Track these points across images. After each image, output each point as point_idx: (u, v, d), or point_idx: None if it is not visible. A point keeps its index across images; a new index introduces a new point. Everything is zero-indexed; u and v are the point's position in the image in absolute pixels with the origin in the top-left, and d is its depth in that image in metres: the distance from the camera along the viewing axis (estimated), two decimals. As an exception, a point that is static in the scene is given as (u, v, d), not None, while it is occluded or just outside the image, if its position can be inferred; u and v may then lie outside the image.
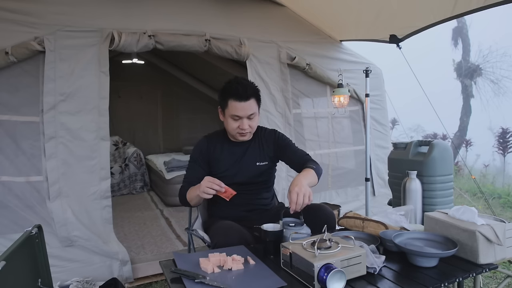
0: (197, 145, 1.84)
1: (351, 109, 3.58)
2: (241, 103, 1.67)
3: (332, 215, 1.70)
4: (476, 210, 1.42)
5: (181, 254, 1.46)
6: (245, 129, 1.70)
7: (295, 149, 1.85)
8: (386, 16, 2.92)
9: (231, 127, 1.72)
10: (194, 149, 1.83)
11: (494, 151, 8.29)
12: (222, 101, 1.73)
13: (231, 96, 1.68)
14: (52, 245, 2.24)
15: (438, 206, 2.10)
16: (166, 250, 2.90)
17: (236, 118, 1.69)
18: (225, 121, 1.75)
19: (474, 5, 2.41)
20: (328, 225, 1.52)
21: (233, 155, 1.81)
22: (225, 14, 2.99)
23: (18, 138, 2.28)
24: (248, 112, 1.69)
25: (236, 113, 1.68)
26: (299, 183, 1.46)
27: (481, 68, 10.82)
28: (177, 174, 4.38)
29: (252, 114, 1.71)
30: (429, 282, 1.16)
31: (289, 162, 1.85)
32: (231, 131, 1.74)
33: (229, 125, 1.72)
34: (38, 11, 2.33)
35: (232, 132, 1.74)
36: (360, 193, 3.55)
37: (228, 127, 1.75)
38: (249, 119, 1.71)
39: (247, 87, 1.70)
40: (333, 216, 1.70)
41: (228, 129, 1.76)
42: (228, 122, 1.73)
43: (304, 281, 1.15)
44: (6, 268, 0.97)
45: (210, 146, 1.81)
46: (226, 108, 1.71)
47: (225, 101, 1.70)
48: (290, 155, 1.82)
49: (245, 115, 1.69)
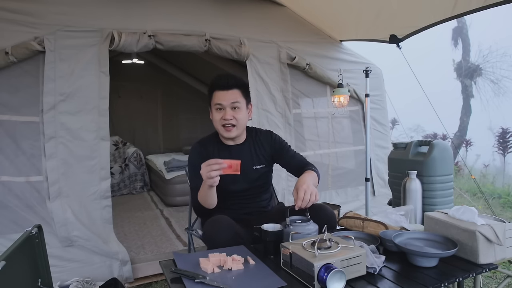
0: (193, 152, 1.77)
1: (351, 109, 3.58)
2: (223, 91, 1.67)
3: (333, 215, 1.70)
4: (476, 210, 1.42)
5: (181, 254, 1.46)
6: (228, 119, 1.65)
7: (293, 153, 1.84)
8: (386, 16, 2.92)
9: (215, 119, 1.70)
10: (192, 157, 1.76)
11: (494, 151, 8.29)
12: (209, 96, 1.74)
13: (215, 87, 1.70)
14: (52, 245, 2.24)
15: (438, 206, 2.10)
16: (166, 250, 2.90)
17: (219, 107, 1.68)
18: (212, 116, 1.74)
19: (474, 5, 2.41)
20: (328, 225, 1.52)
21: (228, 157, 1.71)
22: (225, 14, 2.99)
23: (18, 138, 2.28)
24: (230, 100, 1.66)
25: (218, 101, 1.67)
26: (306, 181, 1.47)
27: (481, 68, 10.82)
28: (177, 174, 4.39)
29: (236, 103, 1.67)
30: (429, 282, 1.16)
31: (286, 165, 1.83)
32: (216, 124, 1.71)
33: (214, 118, 1.71)
34: (38, 11, 2.33)
35: (216, 125, 1.71)
36: (360, 193, 3.55)
37: (214, 122, 1.72)
38: (232, 110, 1.68)
39: (229, 77, 1.70)
40: (334, 216, 1.70)
41: (215, 125, 1.72)
42: (213, 115, 1.72)
43: (304, 281, 1.15)
44: (6, 268, 0.97)
45: (205, 151, 1.76)
46: (211, 100, 1.71)
47: (211, 94, 1.72)
48: (288, 159, 1.81)
49: (227, 104, 1.66)
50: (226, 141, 1.77)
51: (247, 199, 1.81)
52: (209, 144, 1.78)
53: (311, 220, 1.49)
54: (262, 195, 1.88)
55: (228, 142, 1.78)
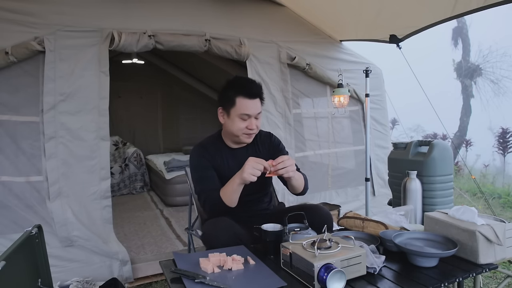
0: (197, 154, 1.70)
1: (351, 109, 3.58)
2: (251, 100, 1.59)
3: (329, 215, 1.70)
4: (476, 210, 1.42)
5: (181, 254, 1.46)
6: (253, 129, 1.62)
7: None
8: (386, 16, 2.92)
9: (237, 127, 1.61)
10: (197, 158, 1.69)
11: (494, 151, 8.29)
12: (228, 100, 1.61)
13: (240, 94, 1.58)
14: (52, 245, 2.24)
15: (438, 206, 2.10)
16: (166, 250, 2.90)
17: (245, 117, 1.60)
18: (230, 121, 1.63)
19: (474, 5, 2.41)
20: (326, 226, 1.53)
21: (233, 162, 1.71)
22: (225, 14, 2.99)
23: (18, 138, 2.28)
24: (257, 110, 1.62)
25: (247, 111, 1.58)
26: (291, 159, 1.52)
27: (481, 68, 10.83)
28: (177, 174, 4.39)
29: (259, 114, 1.65)
30: (429, 282, 1.16)
31: None
32: (237, 131, 1.62)
33: (235, 126, 1.61)
34: (38, 11, 2.33)
35: (237, 132, 1.63)
36: (360, 193, 3.55)
37: (233, 128, 1.63)
38: (256, 119, 1.64)
39: (255, 84, 1.64)
40: (330, 216, 1.69)
41: (233, 130, 1.63)
42: (234, 123, 1.61)
43: (304, 281, 1.15)
44: (6, 268, 0.97)
45: (208, 154, 1.70)
46: (232, 107, 1.60)
47: (232, 99, 1.59)
48: None
49: (254, 114, 1.61)
50: (230, 144, 1.74)
51: (250, 201, 1.78)
52: (212, 146, 1.73)
53: (310, 227, 1.50)
54: (263, 197, 1.88)
55: (232, 145, 1.74)
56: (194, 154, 1.72)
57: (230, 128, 1.65)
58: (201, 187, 1.66)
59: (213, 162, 1.70)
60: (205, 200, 1.63)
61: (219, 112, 1.69)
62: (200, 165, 1.68)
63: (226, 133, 1.73)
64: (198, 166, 1.69)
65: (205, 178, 1.65)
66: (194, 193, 1.71)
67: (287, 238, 1.38)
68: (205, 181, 1.65)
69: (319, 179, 3.37)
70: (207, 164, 1.68)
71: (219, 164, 1.71)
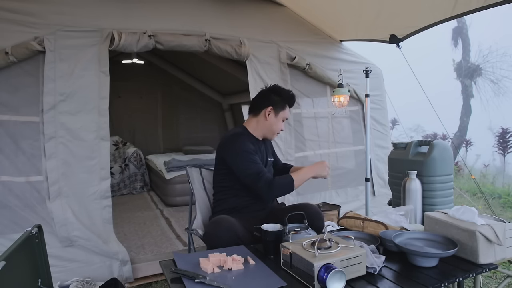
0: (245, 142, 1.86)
1: (351, 109, 3.58)
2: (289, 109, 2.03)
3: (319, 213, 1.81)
4: (476, 210, 1.42)
5: (181, 254, 1.46)
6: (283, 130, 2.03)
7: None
8: (386, 16, 2.92)
9: (278, 126, 1.98)
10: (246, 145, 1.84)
11: (494, 151, 8.29)
12: (279, 104, 1.96)
13: (289, 103, 2.00)
14: (52, 245, 2.24)
15: (438, 206, 2.10)
16: (166, 250, 2.90)
17: (284, 120, 2.01)
18: (275, 120, 1.96)
19: (474, 5, 2.41)
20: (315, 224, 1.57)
21: (259, 151, 1.97)
22: (225, 14, 2.99)
23: (18, 138, 2.28)
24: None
25: (287, 116, 2.01)
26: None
27: (481, 68, 10.83)
28: (177, 174, 4.38)
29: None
30: (429, 282, 1.16)
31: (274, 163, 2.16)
32: (276, 129, 1.98)
33: (278, 125, 1.98)
34: (38, 11, 2.33)
35: (276, 130, 1.99)
36: (360, 193, 3.55)
37: (275, 126, 1.97)
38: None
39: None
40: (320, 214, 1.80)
41: (274, 128, 1.97)
42: (278, 122, 1.97)
43: (304, 281, 1.15)
44: (6, 268, 0.97)
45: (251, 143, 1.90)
46: (282, 110, 1.97)
47: (283, 105, 1.97)
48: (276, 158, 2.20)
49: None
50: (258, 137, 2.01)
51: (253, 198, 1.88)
52: (247, 137, 1.94)
53: (310, 227, 1.50)
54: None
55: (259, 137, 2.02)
56: (238, 141, 1.85)
57: (272, 125, 1.97)
58: (258, 170, 1.78)
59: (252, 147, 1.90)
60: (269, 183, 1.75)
61: (266, 110, 1.95)
62: (250, 149, 1.84)
63: (261, 128, 1.99)
64: (248, 150, 1.83)
65: (259, 164, 1.82)
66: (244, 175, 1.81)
67: (287, 238, 1.38)
68: (260, 165, 1.81)
69: (319, 179, 3.36)
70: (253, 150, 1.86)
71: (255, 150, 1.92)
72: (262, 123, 1.97)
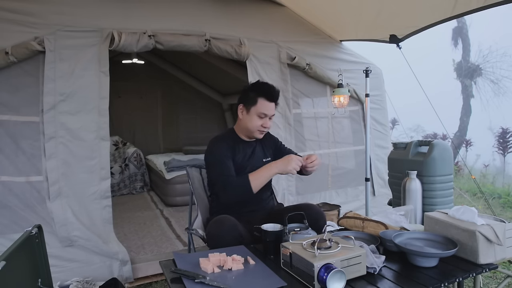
0: (218, 143, 1.85)
1: (351, 109, 3.58)
2: (270, 103, 1.82)
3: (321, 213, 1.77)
4: (476, 210, 1.42)
5: (181, 254, 1.46)
6: (267, 127, 1.86)
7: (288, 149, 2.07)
8: (386, 16, 2.92)
9: (254, 124, 1.82)
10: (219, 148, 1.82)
11: (494, 151, 8.29)
12: (250, 99, 1.82)
13: (262, 95, 1.81)
14: (52, 245, 2.24)
15: (438, 206, 2.10)
16: (166, 250, 2.90)
17: (262, 116, 1.82)
18: (248, 118, 1.83)
19: (474, 5, 2.41)
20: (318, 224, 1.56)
21: (245, 154, 1.90)
22: (225, 14, 2.99)
23: (18, 138, 2.28)
24: (272, 112, 1.85)
25: (264, 111, 1.81)
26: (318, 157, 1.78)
27: (481, 68, 10.82)
28: (177, 174, 4.38)
29: (273, 116, 1.88)
30: (429, 282, 1.16)
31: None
32: (252, 128, 1.83)
33: (253, 122, 1.82)
34: (38, 11, 2.33)
35: (253, 129, 1.84)
36: (360, 193, 3.55)
37: (250, 124, 1.83)
38: (270, 119, 1.86)
39: (276, 90, 1.86)
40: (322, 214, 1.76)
41: (249, 126, 1.83)
42: (252, 119, 1.82)
43: (304, 281, 1.15)
44: (6, 268, 0.97)
45: (228, 145, 1.85)
46: (253, 105, 1.81)
47: (254, 98, 1.81)
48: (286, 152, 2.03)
49: (270, 115, 1.84)
50: (243, 137, 1.92)
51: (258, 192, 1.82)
52: (229, 139, 1.89)
53: (310, 227, 1.50)
54: (267, 190, 1.96)
55: (245, 138, 1.93)
56: (214, 144, 1.86)
57: (247, 124, 1.85)
58: (221, 171, 1.75)
59: (231, 152, 1.84)
60: (225, 183, 1.71)
61: (239, 108, 1.88)
62: (220, 153, 1.81)
63: (241, 128, 1.91)
64: (218, 154, 1.81)
65: (225, 164, 1.76)
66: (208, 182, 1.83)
67: (287, 238, 1.38)
68: (224, 166, 1.76)
69: (319, 179, 3.37)
70: (226, 152, 1.81)
71: (236, 154, 1.86)
72: (239, 123, 1.91)
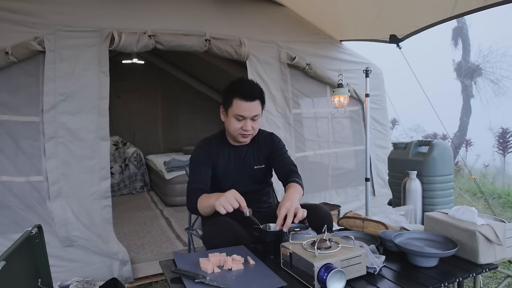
0: (199, 148, 1.76)
1: (351, 109, 3.58)
2: (247, 103, 1.63)
3: (329, 214, 1.70)
4: (476, 210, 1.42)
5: (181, 254, 1.46)
6: (248, 130, 1.66)
7: (285, 159, 1.82)
8: (386, 16, 2.92)
9: (233, 127, 1.67)
10: (196, 152, 1.76)
11: (494, 151, 8.29)
12: (226, 100, 1.67)
13: (237, 95, 1.63)
14: (52, 245, 2.24)
15: (438, 206, 2.10)
16: (166, 250, 2.90)
17: (240, 118, 1.65)
18: (227, 121, 1.69)
19: (474, 5, 2.41)
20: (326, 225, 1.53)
21: (234, 158, 1.78)
22: (225, 14, 2.99)
23: (18, 138, 2.28)
24: (252, 113, 1.65)
25: (241, 112, 1.63)
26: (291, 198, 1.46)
27: (481, 68, 10.83)
28: (177, 174, 4.39)
29: (256, 116, 1.67)
30: (429, 282, 1.16)
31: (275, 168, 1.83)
32: (233, 131, 1.68)
33: (232, 125, 1.67)
34: (38, 11, 2.33)
35: (233, 132, 1.69)
36: (360, 193, 3.55)
37: (230, 128, 1.69)
38: (252, 121, 1.67)
39: (254, 87, 1.67)
40: (329, 215, 1.69)
41: (230, 130, 1.70)
42: (230, 122, 1.67)
43: (304, 281, 1.15)
44: (6, 268, 0.97)
45: (211, 150, 1.76)
46: (230, 107, 1.65)
47: (230, 99, 1.65)
48: (278, 162, 1.81)
49: (249, 116, 1.65)
50: (231, 141, 1.80)
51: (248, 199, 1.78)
52: (215, 143, 1.79)
53: (310, 227, 1.50)
54: (262, 196, 1.90)
55: (234, 142, 1.79)
56: (197, 148, 1.78)
57: (228, 127, 1.73)
58: (190, 178, 1.71)
59: (214, 158, 1.75)
60: (187, 192, 1.67)
61: (220, 111, 1.75)
62: (198, 159, 1.73)
63: (227, 132, 1.78)
64: (196, 160, 1.74)
65: (198, 173, 1.69)
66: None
67: (287, 238, 1.38)
68: (196, 175, 1.69)
69: (319, 179, 3.37)
70: (205, 159, 1.73)
71: (220, 159, 1.76)
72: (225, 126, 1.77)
